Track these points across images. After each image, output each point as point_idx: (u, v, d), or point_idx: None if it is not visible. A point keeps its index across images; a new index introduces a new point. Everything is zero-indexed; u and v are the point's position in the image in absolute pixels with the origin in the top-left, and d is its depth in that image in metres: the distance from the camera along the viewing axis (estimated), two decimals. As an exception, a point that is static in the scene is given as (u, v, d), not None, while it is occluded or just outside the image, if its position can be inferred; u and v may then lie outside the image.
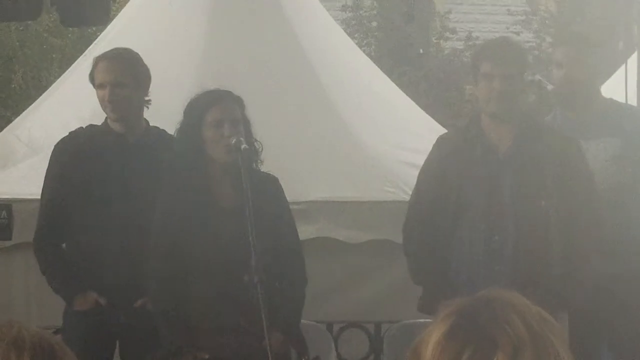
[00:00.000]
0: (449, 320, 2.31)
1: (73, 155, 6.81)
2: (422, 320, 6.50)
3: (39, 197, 6.93)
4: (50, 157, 6.96)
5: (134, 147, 6.79)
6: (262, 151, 6.67)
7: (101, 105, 6.81)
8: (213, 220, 6.50)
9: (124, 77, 6.75)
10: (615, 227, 6.95)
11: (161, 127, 7.00)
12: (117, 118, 6.79)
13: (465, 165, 6.63)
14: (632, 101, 8.50)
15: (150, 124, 7.04)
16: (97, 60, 6.87)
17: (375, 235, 7.79)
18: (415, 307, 6.65)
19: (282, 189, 6.75)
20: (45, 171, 7.00)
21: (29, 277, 7.33)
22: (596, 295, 6.73)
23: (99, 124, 6.93)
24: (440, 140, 7.07)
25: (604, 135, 7.17)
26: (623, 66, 9.28)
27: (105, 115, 6.86)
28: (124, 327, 6.69)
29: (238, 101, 6.58)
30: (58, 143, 6.98)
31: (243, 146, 6.31)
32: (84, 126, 6.97)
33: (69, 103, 9.11)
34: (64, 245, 6.94)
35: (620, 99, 7.98)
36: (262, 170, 6.71)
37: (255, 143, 6.59)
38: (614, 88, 9.18)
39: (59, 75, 10.89)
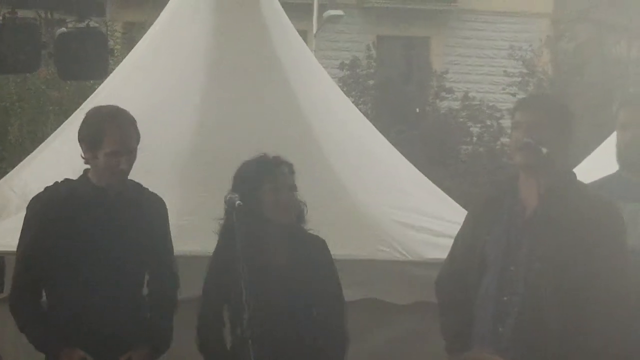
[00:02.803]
0: None
1: (52, 210, 6.71)
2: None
3: None
4: (27, 212, 6.86)
5: (115, 200, 6.73)
6: (307, 212, 6.93)
7: (105, 170, 6.67)
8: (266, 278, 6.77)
9: (134, 144, 6.71)
10: None
11: (156, 184, 7.00)
12: (121, 181, 6.74)
13: (493, 221, 6.56)
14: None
15: (147, 182, 7.00)
16: (106, 124, 6.68)
17: (367, 293, 7.78)
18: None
19: (328, 251, 6.99)
20: None
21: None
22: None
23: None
24: (476, 199, 7.10)
25: None
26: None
27: (86, 168, 6.80)
28: None
29: (290, 167, 6.90)
30: (34, 198, 6.89)
31: (237, 202, 6.42)
32: (66, 178, 6.92)
33: (65, 156, 9.06)
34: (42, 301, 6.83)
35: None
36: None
37: (301, 204, 6.86)
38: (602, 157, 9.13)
39: (55, 128, 10.89)
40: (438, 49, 38.12)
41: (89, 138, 6.71)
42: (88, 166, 6.87)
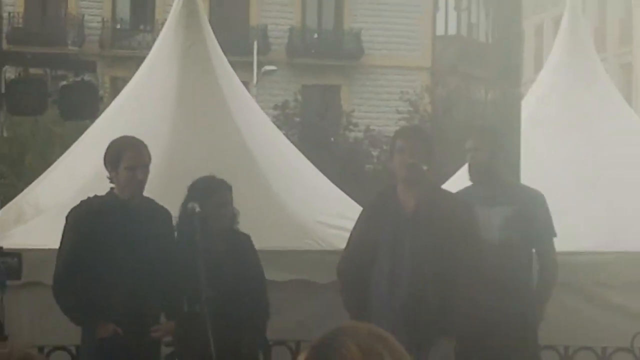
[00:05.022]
0: (307, 350, 2.32)
1: (87, 219, 6.68)
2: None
3: (44, 247, 6.83)
4: (67, 220, 6.79)
5: (134, 209, 6.71)
6: (239, 216, 7.19)
7: (126, 182, 6.66)
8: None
9: (147, 160, 6.71)
10: (506, 271, 6.94)
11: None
12: (139, 191, 6.73)
13: (379, 221, 6.59)
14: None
15: None
16: (124, 146, 6.71)
17: (296, 275, 7.78)
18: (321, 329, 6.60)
19: (252, 242, 7.21)
20: (47, 228, 6.90)
21: (33, 308, 7.22)
22: (485, 325, 6.64)
23: (90, 192, 6.82)
24: (367, 204, 7.14)
25: (504, 203, 7.16)
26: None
27: (111, 187, 6.77)
28: (132, 349, 6.57)
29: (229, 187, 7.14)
30: (74, 208, 6.82)
31: (197, 210, 6.51)
32: (91, 195, 6.85)
33: (67, 176, 9.06)
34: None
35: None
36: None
37: (235, 212, 7.16)
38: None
39: (60, 156, 10.81)
40: (347, 94, 38.20)
41: (112, 159, 6.71)
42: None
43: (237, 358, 6.92)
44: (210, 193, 7.02)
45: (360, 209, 7.44)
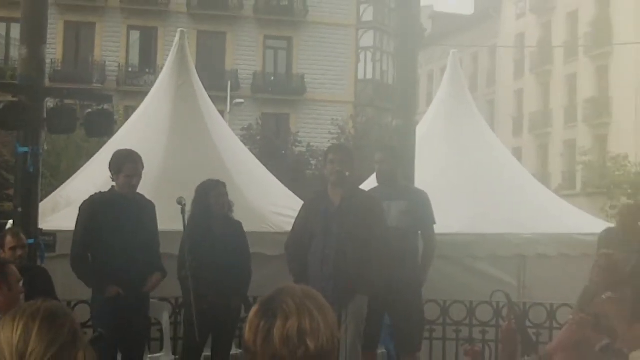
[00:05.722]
0: (258, 303, 2.31)
1: (96, 207, 6.60)
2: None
3: (71, 229, 6.77)
4: (80, 208, 6.74)
5: (131, 201, 6.64)
6: (234, 206, 7.22)
7: (124, 185, 6.61)
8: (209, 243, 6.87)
9: (141, 170, 6.66)
10: (402, 250, 6.94)
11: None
12: (133, 191, 6.66)
13: (315, 212, 6.59)
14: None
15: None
16: (125, 159, 6.65)
17: (256, 250, 7.76)
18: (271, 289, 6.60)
19: (243, 228, 7.20)
20: (75, 215, 6.85)
21: (64, 273, 7.16)
22: (388, 286, 6.70)
23: (106, 190, 6.77)
24: (307, 199, 7.16)
25: (401, 199, 7.16)
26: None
27: (112, 184, 6.70)
28: (132, 308, 6.51)
29: (224, 185, 7.14)
30: (85, 201, 6.76)
31: (184, 202, 6.51)
32: (100, 191, 6.82)
33: (89, 178, 9.02)
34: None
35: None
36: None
37: (231, 204, 7.15)
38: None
39: (85, 162, 10.74)
40: (294, 120, 38.12)
41: (115, 167, 6.66)
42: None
43: (228, 310, 6.90)
44: (212, 188, 7.01)
45: (302, 203, 7.48)
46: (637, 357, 1.13)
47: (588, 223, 10.14)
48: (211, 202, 6.96)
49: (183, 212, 6.63)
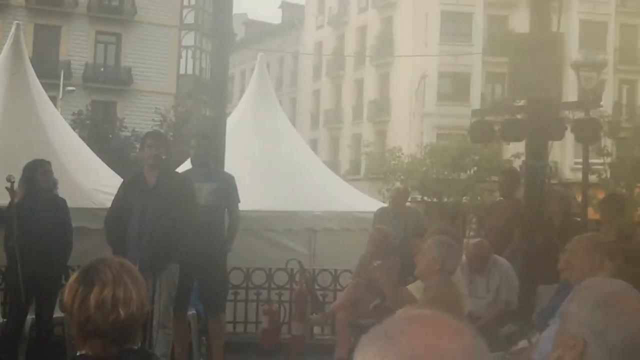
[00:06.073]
0: (77, 271, 2.30)
1: (126, 185, 6.51)
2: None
3: None
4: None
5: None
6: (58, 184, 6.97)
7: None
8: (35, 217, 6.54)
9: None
10: (210, 224, 6.83)
11: None
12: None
13: (133, 190, 6.40)
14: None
15: None
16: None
17: (79, 223, 7.48)
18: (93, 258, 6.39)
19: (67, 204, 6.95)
20: None
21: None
22: (198, 259, 6.56)
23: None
24: (125, 179, 6.92)
25: (211, 181, 7.00)
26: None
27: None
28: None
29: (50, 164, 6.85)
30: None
31: (12, 180, 6.27)
32: None
33: None
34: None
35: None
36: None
37: (55, 180, 6.85)
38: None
39: None
40: (121, 107, 37.03)
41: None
42: None
43: (50, 277, 6.66)
44: (38, 166, 6.70)
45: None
46: (401, 314, 1.21)
47: (367, 203, 10.50)
48: (37, 179, 6.64)
49: (11, 188, 6.29)
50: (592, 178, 22.47)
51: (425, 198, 31.56)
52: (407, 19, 39.39)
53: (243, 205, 7.40)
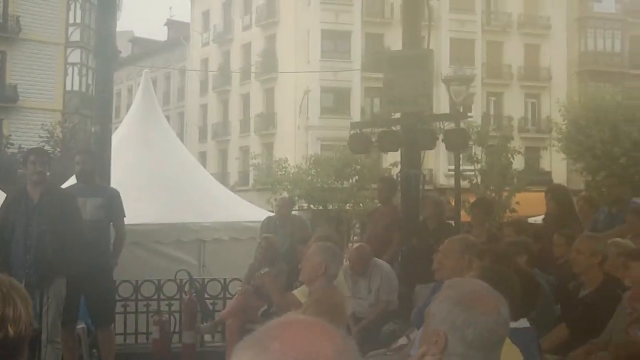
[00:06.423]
0: None
1: None
2: None
3: None
4: None
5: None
6: None
7: None
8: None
9: None
10: (95, 239, 6.59)
11: None
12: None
13: (16, 207, 6.12)
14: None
15: None
16: None
17: None
18: None
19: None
20: None
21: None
22: (83, 273, 6.31)
23: None
24: (8, 196, 6.53)
25: (96, 196, 6.81)
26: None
27: None
28: None
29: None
30: None
31: None
32: None
33: None
34: None
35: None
36: None
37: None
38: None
39: None
40: (7, 124, 35.47)
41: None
42: None
43: None
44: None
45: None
46: (273, 321, 1.21)
47: (256, 213, 10.47)
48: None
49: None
50: (464, 184, 23.34)
51: (312, 206, 31.89)
52: (289, 36, 39.68)
53: (131, 219, 7.21)
